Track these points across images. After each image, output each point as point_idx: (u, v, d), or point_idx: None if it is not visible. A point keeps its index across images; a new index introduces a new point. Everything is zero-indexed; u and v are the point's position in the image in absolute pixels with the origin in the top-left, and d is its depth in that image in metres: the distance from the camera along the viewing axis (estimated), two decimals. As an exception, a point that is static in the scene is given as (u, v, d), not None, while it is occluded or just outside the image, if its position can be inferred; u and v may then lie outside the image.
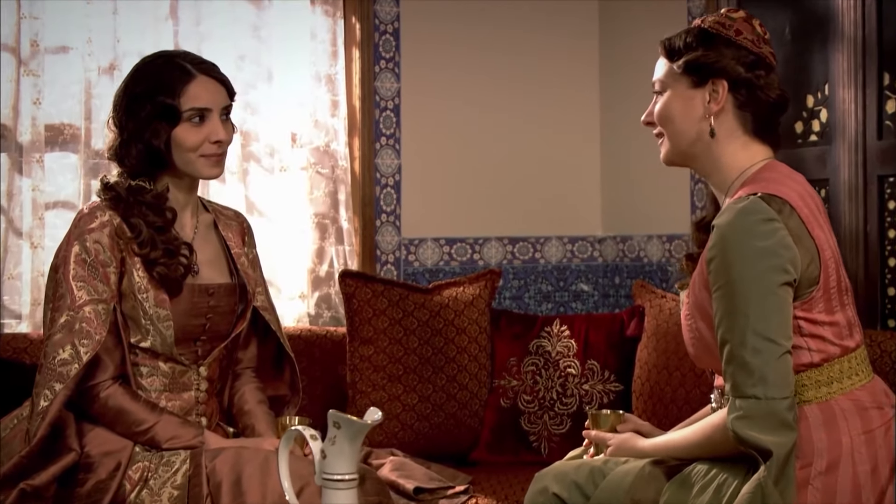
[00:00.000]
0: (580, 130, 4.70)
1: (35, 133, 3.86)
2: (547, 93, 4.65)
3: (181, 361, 2.93)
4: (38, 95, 3.87)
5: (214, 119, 2.89)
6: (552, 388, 3.86)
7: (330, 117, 4.28)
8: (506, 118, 4.61)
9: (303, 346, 3.88)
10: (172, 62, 2.92)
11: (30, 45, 3.85)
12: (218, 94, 2.92)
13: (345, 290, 3.84)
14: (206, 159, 2.90)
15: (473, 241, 4.56)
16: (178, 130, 2.87)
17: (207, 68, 2.94)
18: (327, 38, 4.29)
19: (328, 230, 4.29)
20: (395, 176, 4.44)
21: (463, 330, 3.94)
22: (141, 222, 2.86)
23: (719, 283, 2.35)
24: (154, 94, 2.86)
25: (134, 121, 2.88)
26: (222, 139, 2.89)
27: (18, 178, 3.86)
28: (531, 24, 4.60)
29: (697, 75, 2.50)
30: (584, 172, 4.72)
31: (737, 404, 2.31)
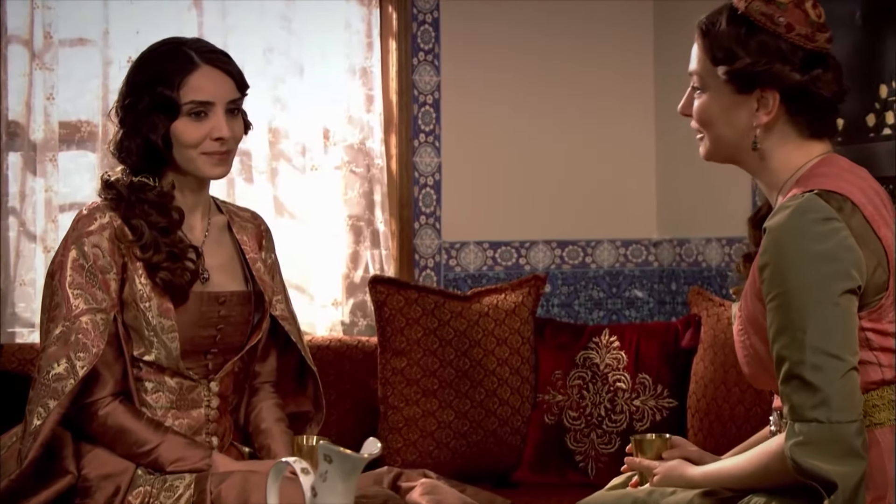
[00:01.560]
0: (634, 126, 4.57)
1: (48, 131, 3.75)
2: (598, 87, 4.53)
3: (189, 376, 2.77)
4: (52, 91, 3.76)
5: (217, 114, 2.71)
6: (600, 404, 3.74)
7: (365, 113, 4.17)
8: (553, 113, 4.47)
9: (332, 358, 3.77)
10: (178, 50, 2.75)
11: (43, 37, 3.74)
12: (223, 86, 2.74)
13: (375, 298, 3.72)
14: (207, 157, 2.72)
15: (519, 244, 4.44)
16: (177, 125, 2.69)
17: (214, 58, 2.75)
18: (362, 29, 4.17)
19: (363, 233, 4.18)
20: (434, 175, 4.32)
21: (504, 340, 3.80)
22: (142, 223, 2.69)
23: (773, 293, 2.14)
24: (153, 85, 2.69)
25: (133, 113, 2.72)
26: (225, 136, 2.71)
27: (31, 178, 3.75)
28: (583, 15, 4.50)
29: (743, 84, 2.26)
30: (639, 171, 4.59)
31: (796, 429, 2.10)
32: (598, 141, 4.53)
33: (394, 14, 4.22)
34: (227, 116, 2.72)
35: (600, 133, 4.53)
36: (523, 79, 4.44)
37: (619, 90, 4.55)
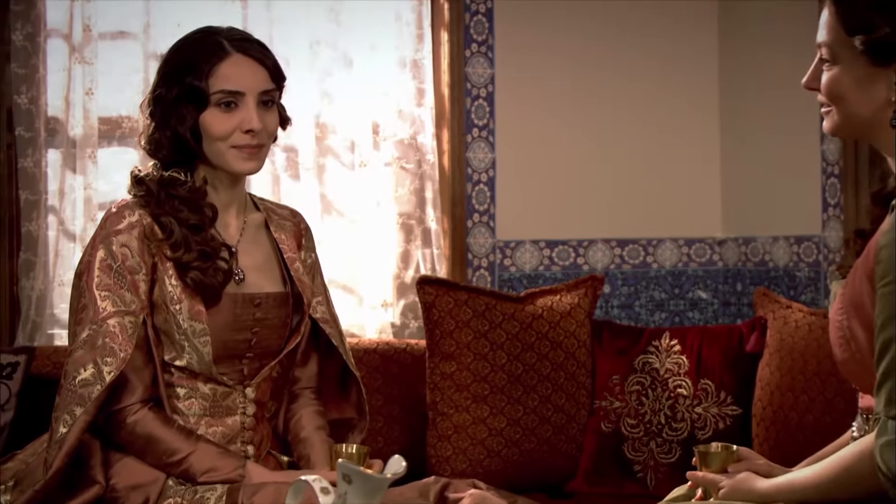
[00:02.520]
0: (698, 120, 4.50)
1: (87, 126, 3.71)
2: (662, 80, 4.46)
3: (223, 382, 2.67)
4: (91, 85, 3.71)
5: (248, 105, 2.61)
6: (660, 411, 3.64)
7: (416, 107, 4.12)
8: (614, 106, 4.41)
9: (379, 362, 3.69)
10: (209, 38, 2.65)
11: (82, 31, 3.70)
12: (255, 75, 2.64)
13: (423, 299, 3.62)
14: (237, 151, 2.62)
15: (577, 243, 4.36)
16: (205, 116, 2.60)
17: (246, 46, 2.65)
18: (412, 20, 4.12)
19: (414, 232, 4.14)
20: (488, 171, 4.25)
21: (559, 344, 3.70)
22: (172, 220, 2.60)
23: (889, 278, 1.98)
24: (182, 75, 2.60)
25: (162, 105, 2.63)
26: (255, 128, 2.60)
27: (70, 175, 3.72)
28: (647, 8, 4.43)
29: (881, 56, 2.09)
30: (703, 166, 4.51)
31: (889, 427, 1.95)
32: (660, 135, 4.46)
33: (446, 4, 4.16)
34: (260, 108, 2.62)
35: (663, 127, 4.46)
36: (581, 71, 4.37)
37: (682, 84, 4.48)
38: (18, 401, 3.19)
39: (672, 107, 4.46)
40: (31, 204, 3.65)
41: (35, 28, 3.65)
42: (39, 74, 3.66)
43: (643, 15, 4.41)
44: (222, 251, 2.62)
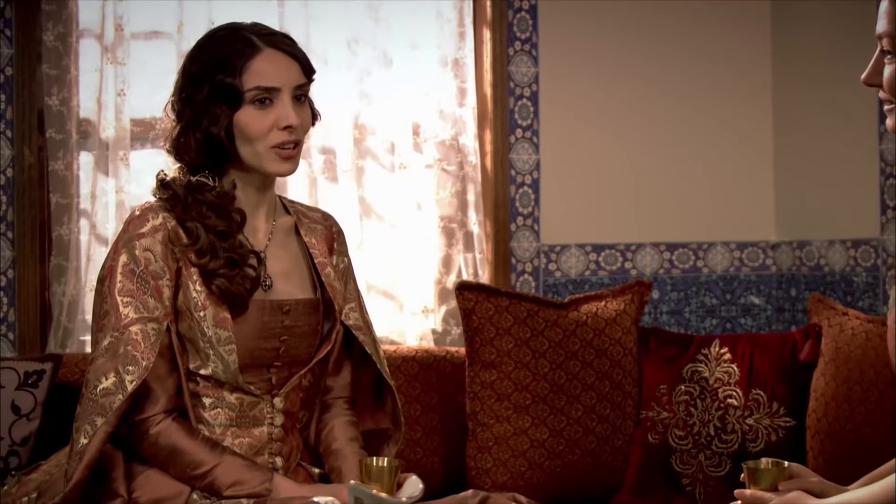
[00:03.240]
0: (750, 120, 4.42)
1: (119, 128, 3.70)
2: (713, 78, 4.38)
3: (250, 391, 2.60)
4: (123, 86, 3.69)
5: (284, 100, 2.54)
6: (709, 423, 3.58)
7: (457, 107, 4.07)
8: (662, 106, 4.34)
9: (417, 370, 3.64)
10: (236, 35, 2.59)
11: (114, 30, 3.68)
12: (288, 70, 2.57)
13: (463, 306, 3.58)
14: (276, 152, 2.54)
15: (625, 247, 4.30)
16: (240, 115, 2.53)
17: (277, 40, 2.59)
18: (454, 17, 4.07)
19: (455, 235, 4.09)
20: (532, 173, 4.19)
21: (604, 352, 3.65)
22: (199, 226, 2.53)
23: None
24: (212, 73, 2.53)
25: (191, 105, 2.56)
26: (293, 123, 2.53)
27: (102, 178, 3.70)
28: (696, 7, 4.37)
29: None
30: (755, 167, 4.43)
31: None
32: (711, 134, 4.40)
33: (488, 1, 4.11)
34: (294, 104, 2.56)
35: (714, 126, 4.40)
36: (629, 69, 4.32)
37: (734, 81, 4.41)
38: (44, 410, 3.16)
39: (723, 105, 4.39)
40: (62, 207, 3.63)
41: (67, 28, 3.64)
42: (71, 75, 3.64)
43: (693, 12, 4.35)
44: (250, 258, 2.55)
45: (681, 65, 4.34)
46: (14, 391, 3.11)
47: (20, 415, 3.10)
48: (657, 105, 4.32)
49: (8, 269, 3.61)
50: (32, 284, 3.62)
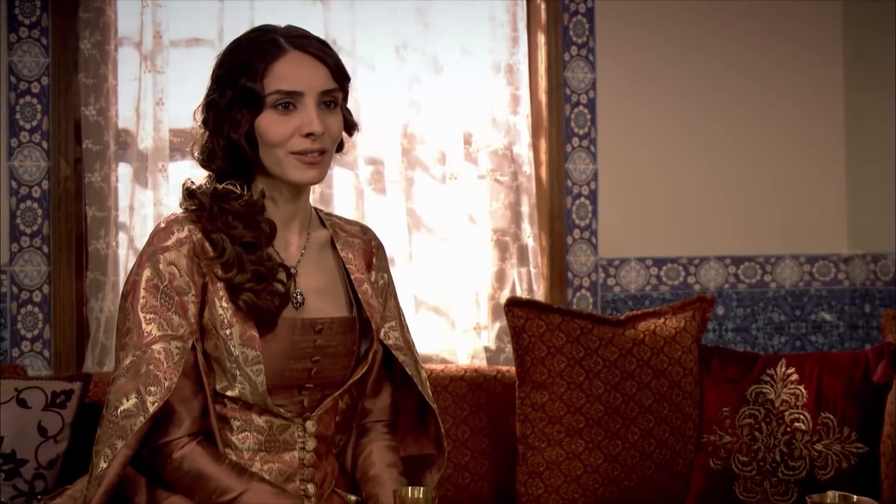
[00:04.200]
0: (820, 128, 4.42)
1: (158, 139, 3.64)
2: (781, 86, 4.39)
3: (280, 414, 2.48)
4: (162, 95, 3.63)
5: (307, 105, 2.42)
6: (775, 448, 3.48)
7: (511, 115, 4.05)
8: (727, 114, 4.33)
9: (466, 391, 3.58)
10: (263, 37, 2.48)
11: (153, 38, 3.62)
12: (314, 74, 2.44)
13: (513, 323, 3.50)
14: (297, 158, 2.42)
15: (688, 261, 4.26)
16: (261, 119, 2.42)
17: (304, 42, 2.47)
18: (507, 21, 4.04)
19: (509, 249, 4.06)
20: (589, 184, 4.15)
21: (662, 372, 3.57)
22: (224, 237, 2.42)
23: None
24: (236, 77, 2.43)
25: (215, 111, 2.46)
26: (315, 130, 2.40)
27: (140, 190, 3.65)
28: (764, 9, 4.32)
29: None
30: (826, 177, 4.41)
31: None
32: (779, 143, 4.35)
33: (543, 4, 4.09)
34: (320, 110, 2.44)
35: (782, 134, 4.36)
36: (691, 74, 4.28)
37: (804, 87, 4.41)
38: (73, 431, 3.08)
39: (792, 112, 4.38)
40: (98, 221, 3.58)
41: (104, 36, 3.59)
42: (108, 85, 3.59)
43: (761, 16, 4.30)
44: (279, 272, 2.44)
45: (747, 71, 4.29)
46: (41, 412, 3.04)
47: (47, 436, 3.03)
48: (723, 111, 4.31)
49: (43, 284, 3.57)
50: (68, 300, 3.58)
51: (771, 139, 4.30)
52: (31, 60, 3.55)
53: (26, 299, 3.55)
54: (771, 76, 4.30)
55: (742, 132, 4.28)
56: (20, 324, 3.54)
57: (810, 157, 4.34)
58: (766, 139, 4.29)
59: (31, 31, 3.55)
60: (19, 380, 3.07)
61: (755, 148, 4.28)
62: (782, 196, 4.31)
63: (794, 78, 4.33)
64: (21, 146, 3.54)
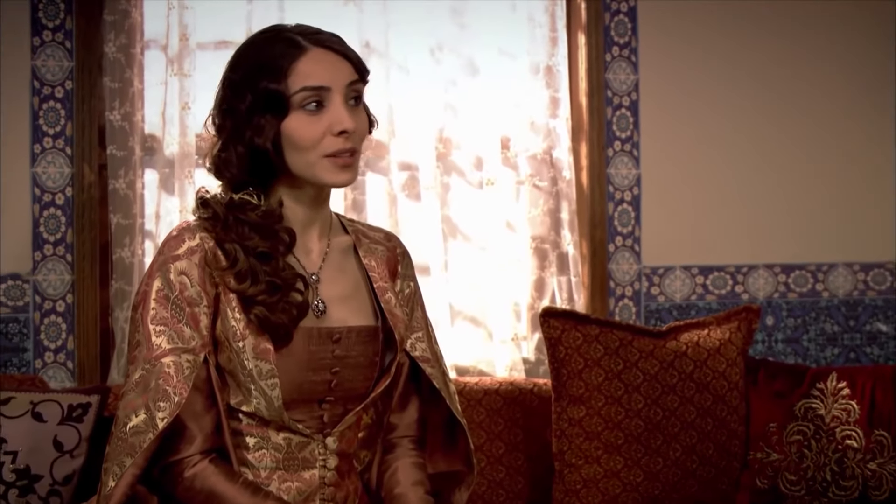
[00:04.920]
0: (872, 128, 4.36)
1: (184, 144, 3.59)
2: (830, 83, 4.33)
3: (299, 430, 2.39)
4: (188, 99, 3.59)
5: (336, 102, 2.33)
6: (825, 467, 3.41)
7: (550, 118, 4.01)
8: (775, 116, 4.28)
9: (501, 404, 3.50)
10: (279, 36, 2.40)
11: (178, 41, 3.57)
12: (339, 68, 2.36)
13: (548, 334, 3.43)
14: (330, 161, 2.34)
15: (735, 269, 4.19)
16: (288, 122, 2.33)
17: (324, 39, 2.39)
18: (545, 21, 4.00)
19: (549, 257, 4.02)
20: (632, 189, 4.10)
21: (706, 385, 3.47)
22: (237, 248, 2.34)
23: None
24: (255, 80, 2.34)
25: (233, 117, 2.37)
26: (348, 128, 2.32)
27: (166, 196, 3.61)
28: (814, 11, 4.26)
29: None
30: (879, 181, 4.31)
31: None
32: (830, 145, 4.28)
33: (583, 3, 4.05)
34: (347, 107, 2.36)
35: (833, 136, 4.28)
36: (738, 75, 4.21)
37: (854, 89, 4.36)
38: (90, 446, 3.02)
39: (843, 114, 4.28)
40: (123, 228, 3.53)
41: (130, 39, 3.55)
42: (134, 89, 3.54)
43: (812, 15, 4.23)
44: (297, 282, 2.35)
45: (796, 72, 4.24)
46: (56, 426, 2.99)
47: (63, 451, 2.97)
48: (773, 112, 4.26)
49: (67, 293, 3.53)
50: (92, 310, 3.54)
51: (823, 140, 4.24)
52: (54, 64, 3.51)
53: (49, 309, 3.51)
54: (823, 76, 4.25)
55: (793, 133, 4.22)
56: (43, 334, 3.51)
57: (863, 162, 4.29)
58: (818, 140, 4.23)
59: (54, 34, 3.51)
60: (35, 392, 3.02)
61: (807, 150, 4.22)
62: (835, 200, 4.25)
63: (846, 78, 4.27)
64: (44, 152, 3.51)
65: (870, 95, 4.27)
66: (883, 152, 4.28)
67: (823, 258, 4.22)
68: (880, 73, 4.27)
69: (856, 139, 4.27)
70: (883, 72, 4.27)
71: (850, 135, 4.27)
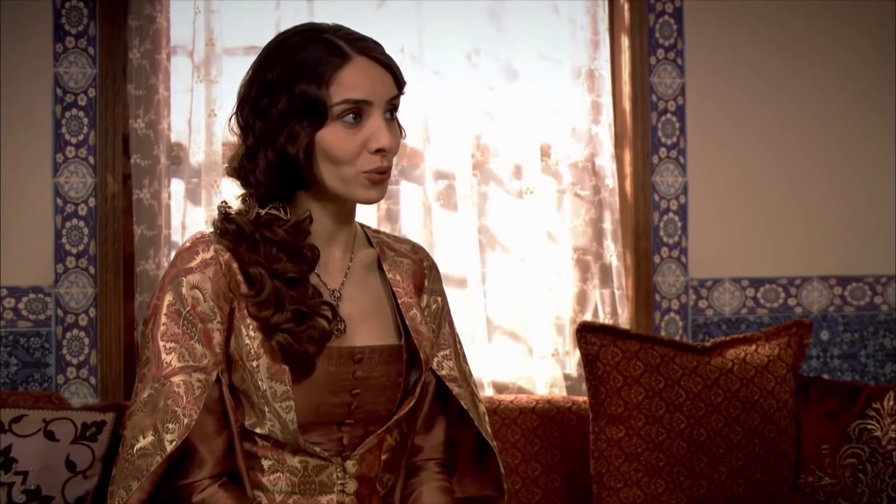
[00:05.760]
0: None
1: (211, 152, 3.51)
2: (889, 84, 4.15)
3: (316, 454, 2.28)
4: (215, 106, 3.51)
5: (375, 116, 2.23)
6: (882, 493, 3.29)
7: (592, 124, 3.94)
8: (829, 119, 4.22)
9: (537, 424, 3.40)
10: (319, 38, 2.28)
11: (204, 46, 3.50)
12: (382, 82, 2.26)
13: (585, 350, 3.32)
14: (366, 177, 2.23)
15: (788, 281, 4.10)
16: (325, 133, 2.21)
17: (368, 47, 2.27)
18: (587, 23, 3.93)
19: (591, 269, 3.93)
20: (678, 198, 4.03)
21: (754, 405, 3.36)
22: (263, 273, 2.22)
23: None
24: (293, 82, 2.22)
25: (263, 119, 2.25)
26: (385, 146, 2.22)
27: (191, 207, 3.54)
28: (872, 12, 4.14)
29: None
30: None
31: None
32: (889, 154, 4.17)
33: (626, 4, 3.99)
34: (386, 122, 2.27)
35: (893, 145, 4.17)
36: (789, 78, 4.13)
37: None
38: (104, 466, 2.93)
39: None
40: (148, 240, 3.45)
41: (155, 45, 3.47)
42: (159, 96, 3.45)
43: (868, 14, 4.10)
44: (324, 309, 2.24)
45: (853, 73, 4.17)
46: (69, 445, 2.91)
47: (75, 471, 2.89)
48: (826, 117, 4.17)
49: (90, 307, 3.46)
50: (116, 324, 3.47)
51: (883, 147, 4.15)
52: (77, 71, 3.44)
53: (72, 323, 3.44)
54: (880, 77, 4.14)
55: (848, 139, 4.13)
56: (65, 349, 3.44)
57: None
58: (874, 146, 4.13)
59: (77, 40, 3.44)
60: (48, 410, 2.94)
61: (862, 156, 4.13)
62: (893, 208, 4.10)
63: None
64: (67, 161, 3.44)
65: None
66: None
67: (882, 270, 4.12)
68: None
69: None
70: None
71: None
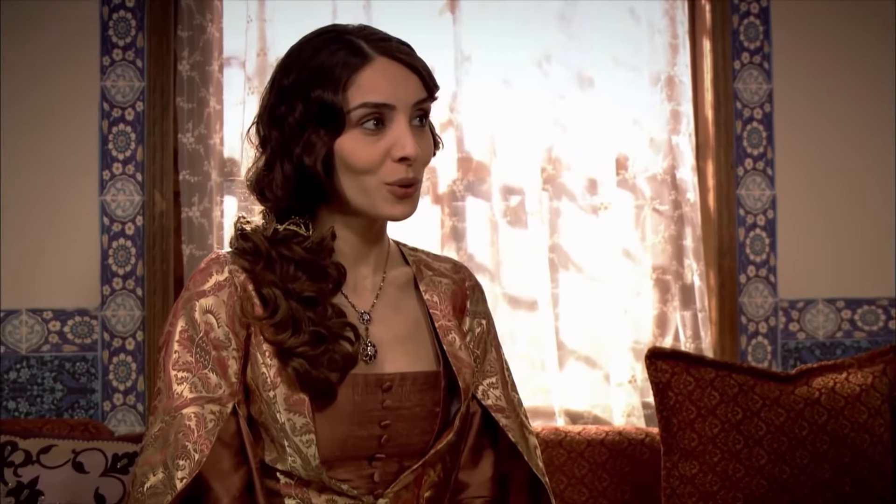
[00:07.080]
0: None
1: None
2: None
3: (345, 492, 2.12)
4: None
5: (399, 123, 2.08)
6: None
7: (671, 134, 3.84)
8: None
9: (606, 457, 3.23)
10: (340, 39, 2.14)
11: (256, 56, 3.39)
12: (406, 83, 2.11)
13: (655, 379, 3.15)
14: (388, 190, 2.09)
15: (888, 302, 3.92)
16: (343, 141, 2.07)
17: (391, 47, 2.13)
18: (665, 27, 3.83)
19: (671, 289, 3.82)
20: (766, 212, 3.88)
21: (843, 439, 3.18)
22: (277, 293, 2.09)
23: None
24: (308, 88, 2.09)
25: (280, 129, 2.12)
26: (410, 155, 2.07)
27: None
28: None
29: None
30: None
31: None
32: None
33: (707, 5, 3.86)
34: (412, 128, 2.12)
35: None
36: (884, 81, 3.96)
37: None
38: None
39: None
40: (197, 260, 3.35)
41: (205, 56, 3.37)
42: (210, 109, 3.35)
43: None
44: (346, 330, 2.09)
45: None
46: (99, 477, 2.79)
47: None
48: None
49: (137, 330, 3.38)
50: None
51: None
52: (124, 85, 3.35)
53: (119, 347, 3.36)
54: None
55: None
56: (112, 374, 3.35)
57: None
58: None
59: (125, 52, 3.35)
60: (78, 440, 2.84)
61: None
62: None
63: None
64: (114, 179, 3.35)
65: None
66: None
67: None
68: None
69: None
70: None
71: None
